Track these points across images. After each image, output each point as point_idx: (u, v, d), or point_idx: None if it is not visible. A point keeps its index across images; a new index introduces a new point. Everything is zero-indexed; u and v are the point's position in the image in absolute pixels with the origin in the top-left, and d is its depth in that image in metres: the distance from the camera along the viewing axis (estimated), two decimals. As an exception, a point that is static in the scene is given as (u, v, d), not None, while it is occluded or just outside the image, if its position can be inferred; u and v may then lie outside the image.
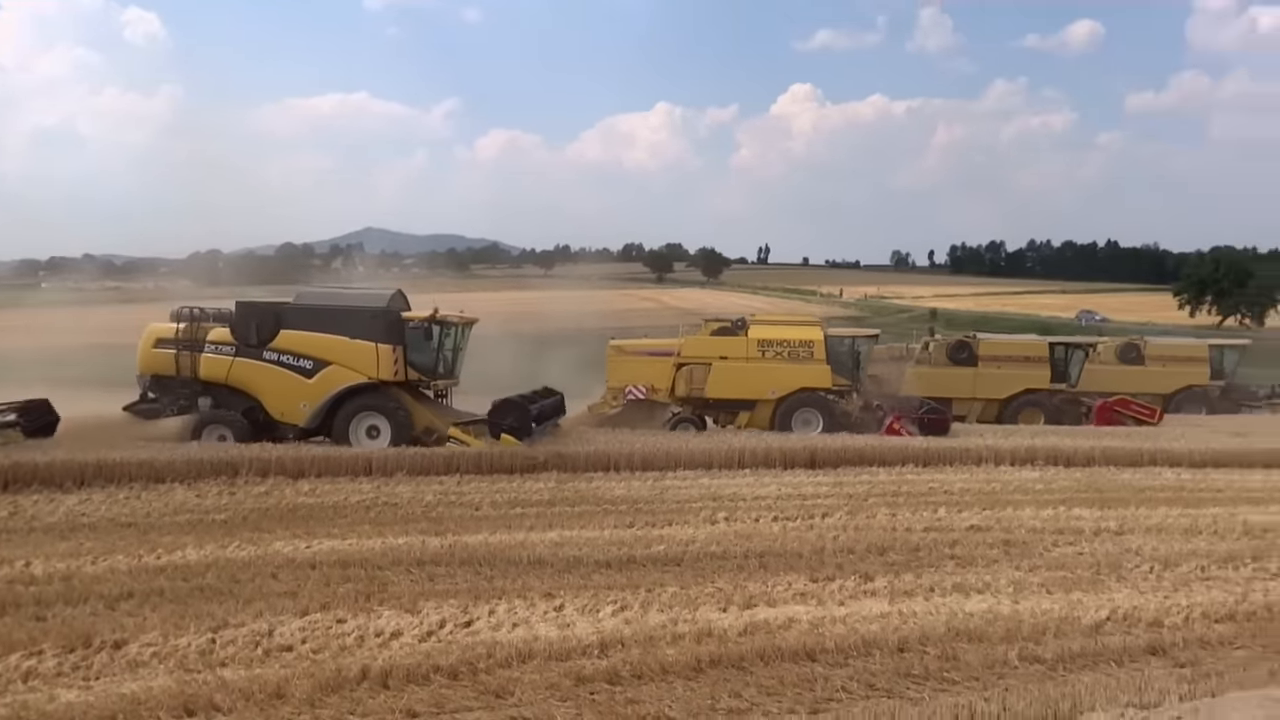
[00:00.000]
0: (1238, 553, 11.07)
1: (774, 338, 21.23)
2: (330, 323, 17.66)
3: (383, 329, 17.61)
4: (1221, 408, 29.34)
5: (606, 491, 14.17)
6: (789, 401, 20.81)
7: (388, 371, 17.50)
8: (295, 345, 17.53)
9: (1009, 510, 13.19)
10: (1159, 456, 17.96)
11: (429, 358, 18.26)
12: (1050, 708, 5.96)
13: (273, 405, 17.61)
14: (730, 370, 21.06)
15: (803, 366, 20.84)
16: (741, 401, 21.19)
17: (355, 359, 17.44)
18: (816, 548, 10.83)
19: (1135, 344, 30.58)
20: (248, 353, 17.60)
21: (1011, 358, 26.68)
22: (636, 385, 21.33)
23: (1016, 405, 26.02)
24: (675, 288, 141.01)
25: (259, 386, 17.62)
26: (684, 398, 21.38)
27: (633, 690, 6.63)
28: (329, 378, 17.40)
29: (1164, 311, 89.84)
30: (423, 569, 9.74)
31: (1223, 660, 7.55)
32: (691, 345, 21.68)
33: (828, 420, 20.54)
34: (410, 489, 14.06)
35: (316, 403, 17.34)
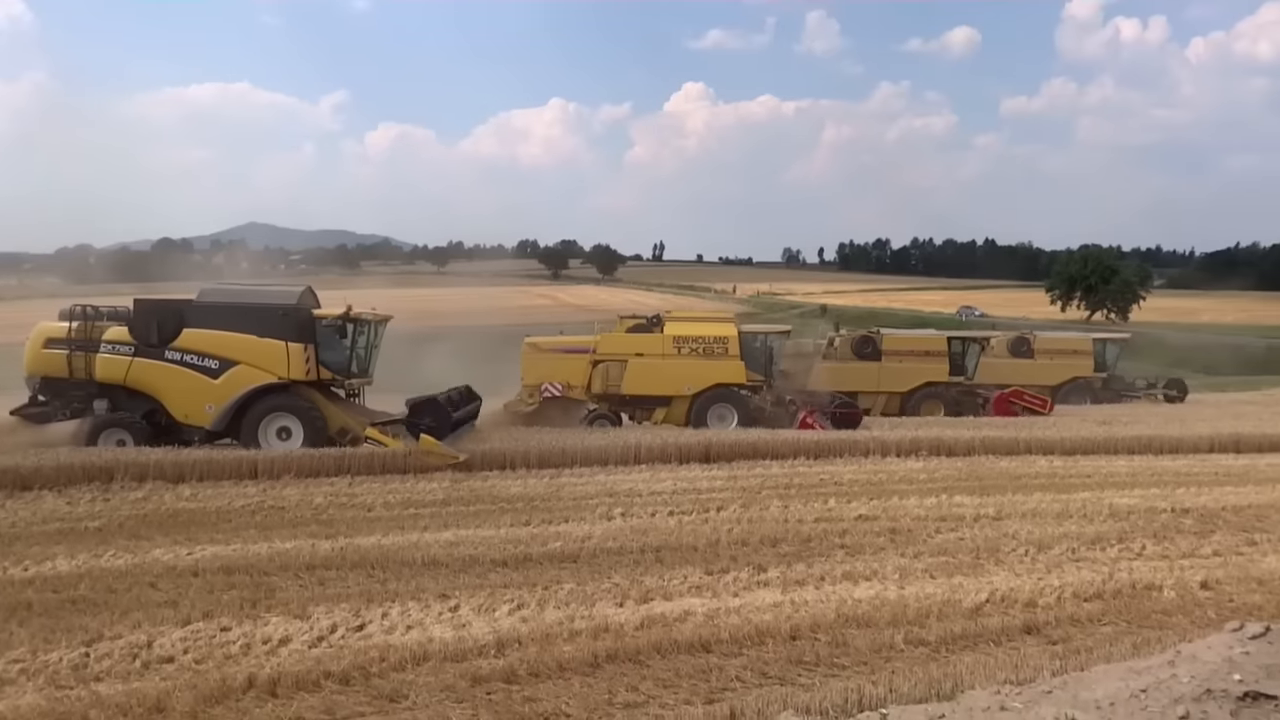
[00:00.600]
0: (1105, 534, 11.71)
1: (689, 334, 21.42)
2: (237, 321, 16.98)
3: (293, 327, 17.05)
4: (1104, 398, 30.98)
5: (502, 490, 14.05)
6: (704, 397, 21.01)
7: (299, 371, 16.97)
8: (199, 344, 16.82)
9: (895, 499, 13.62)
10: (1034, 445, 18.81)
11: (341, 356, 17.75)
12: (933, 688, 6.19)
13: (176, 407, 16.87)
14: (646, 367, 21.18)
15: (717, 363, 21.08)
16: (658, 398, 21.32)
17: (264, 358, 16.85)
18: (711, 541, 10.99)
19: (1025, 338, 31.96)
20: (148, 353, 16.80)
21: (913, 352, 27.61)
22: (553, 382, 21.27)
23: (918, 398, 26.93)
24: (571, 285, 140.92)
25: (161, 388, 16.86)
26: (600, 394, 21.42)
27: (530, 689, 6.61)
28: (236, 378, 16.76)
29: (1037, 307, 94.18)
30: (312, 573, 9.49)
31: (1091, 636, 7.99)
32: (608, 342, 21.70)
33: (742, 415, 20.82)
34: (298, 491, 13.67)
35: (223, 404, 16.65)
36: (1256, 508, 13.53)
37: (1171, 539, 11.58)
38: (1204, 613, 8.66)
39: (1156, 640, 7.43)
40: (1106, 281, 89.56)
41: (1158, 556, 10.77)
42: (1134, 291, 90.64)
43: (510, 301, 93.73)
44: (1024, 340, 31.63)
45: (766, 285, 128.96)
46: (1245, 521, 12.64)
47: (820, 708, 5.85)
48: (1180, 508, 13.36)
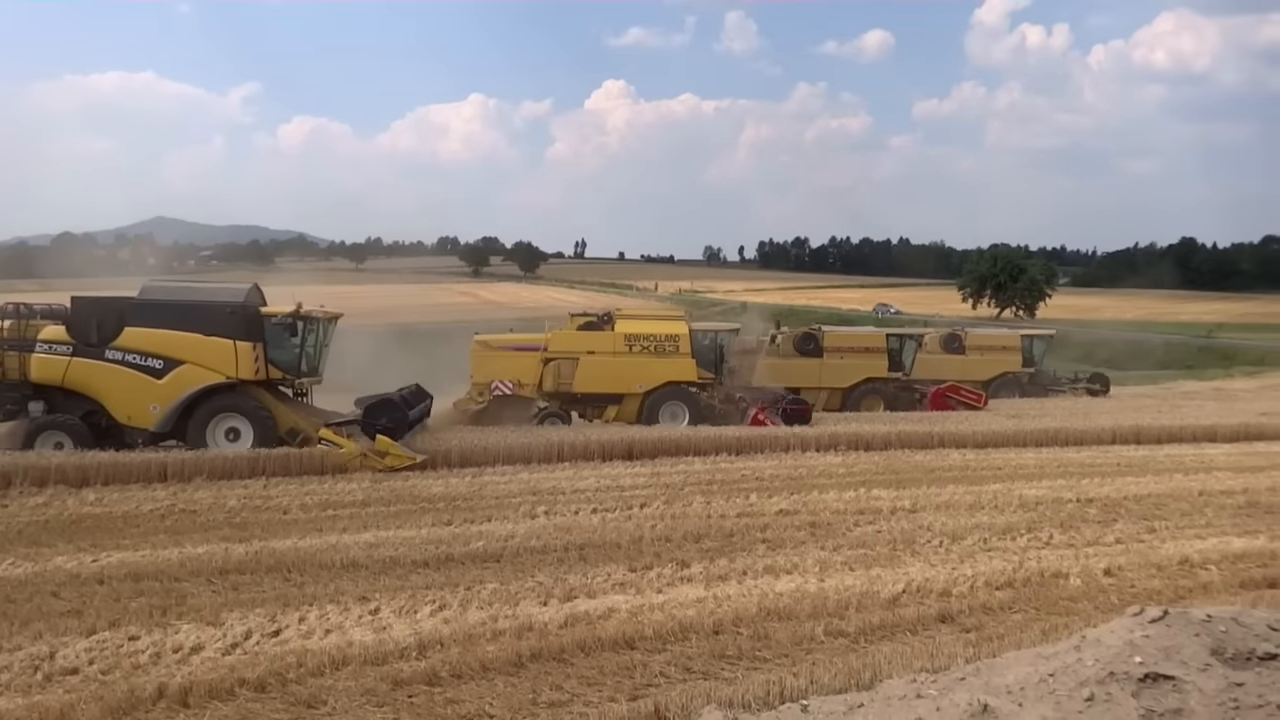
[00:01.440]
0: (1015, 525, 12.11)
1: (641, 332, 21.44)
2: (182, 319, 16.38)
3: (241, 325, 16.53)
4: (1032, 392, 32.00)
5: (424, 490, 13.86)
6: (656, 395, 21.05)
7: (248, 370, 16.46)
8: (142, 343, 16.20)
9: (815, 494, 13.85)
10: (947, 439, 19.34)
11: (291, 355, 17.27)
12: (853, 678, 6.32)
13: (118, 409, 16.21)
14: (598, 365, 21.12)
15: (669, 361, 21.14)
16: (609, 396, 21.30)
17: (211, 357, 16.30)
18: (635, 538, 11.02)
19: (957, 335, 32.82)
20: (87, 352, 16.11)
21: (853, 349, 28.16)
22: (503, 381, 21.07)
23: (859, 393, 27.46)
24: (492, 282, 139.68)
25: (101, 389, 16.17)
26: (552, 393, 21.30)
27: (452, 690, 6.54)
28: (182, 378, 16.17)
29: (949, 304, 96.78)
30: (226, 578, 9.23)
31: (1003, 623, 8.26)
32: (559, 340, 21.59)
33: (693, 413, 20.92)
34: (211, 494, 13.27)
35: (169, 405, 16.05)
36: (1155, 497, 14.14)
37: (1077, 528, 12.03)
38: (1108, 598, 9.01)
39: (1064, 626, 7.71)
40: (1015, 280, 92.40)
41: (1064, 545, 11.17)
42: (1040, 289, 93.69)
43: (430, 299, 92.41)
44: (956, 337, 32.48)
45: (688, 283, 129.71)
46: (1145, 510, 13.20)
47: (743, 701, 5.91)
48: (1085, 498, 13.89)
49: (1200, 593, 9.28)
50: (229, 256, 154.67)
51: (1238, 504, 13.73)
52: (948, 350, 31.60)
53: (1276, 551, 10.92)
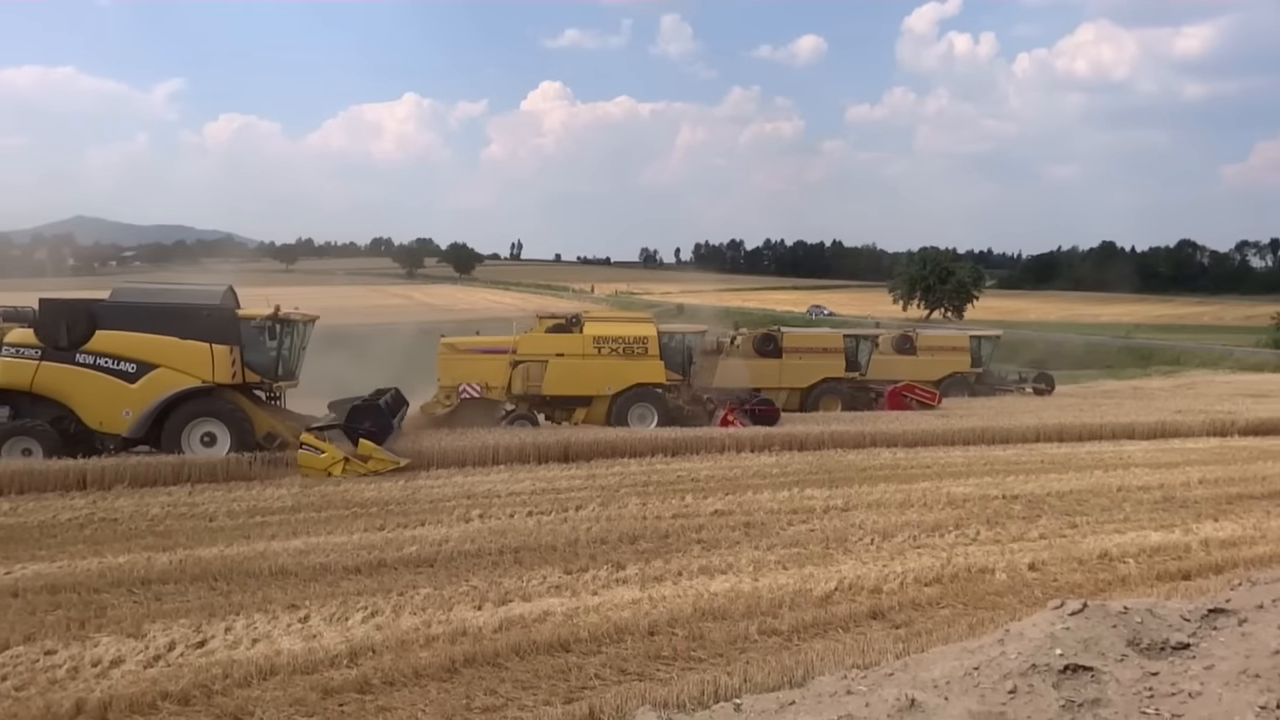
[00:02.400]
0: (943, 522, 12.36)
1: (609, 335, 21.41)
2: (156, 322, 15.94)
3: (217, 328, 16.14)
4: (979, 391, 32.67)
5: (355, 494, 13.63)
6: (624, 397, 21.02)
7: (225, 374, 16.03)
8: (115, 347, 15.73)
9: (749, 494, 13.97)
10: (878, 438, 19.66)
11: (267, 358, 16.90)
12: (786, 676, 6.40)
13: (90, 414, 15.71)
14: (567, 367, 21.03)
15: (637, 362, 21.11)
16: (578, 398, 21.23)
17: (187, 361, 15.87)
18: (570, 540, 10.99)
19: (909, 336, 33.36)
20: (57, 356, 15.60)
21: (812, 349, 28.50)
22: (470, 383, 20.87)
23: (817, 393, 27.76)
24: (427, 284, 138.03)
25: (72, 394, 15.66)
26: (521, 395, 21.17)
27: (385, 697, 6.46)
28: (157, 382, 15.72)
29: (881, 306, 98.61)
30: (148, 588, 8.97)
31: (931, 619, 8.42)
32: (528, 343, 21.47)
33: (661, 414, 20.97)
34: (132, 502, 12.88)
35: (142, 409, 15.60)
36: (1077, 493, 14.56)
37: (1003, 524, 12.32)
38: (1032, 592, 9.26)
39: (990, 620, 7.90)
40: (943, 282, 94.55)
41: (990, 541, 11.44)
42: (968, 292, 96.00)
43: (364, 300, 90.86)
44: (908, 338, 33.05)
45: (624, 285, 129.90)
46: (1068, 506, 13.59)
47: (677, 701, 5.94)
48: (1010, 494, 14.24)
49: (1119, 585, 9.59)
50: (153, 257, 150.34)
51: (1154, 499, 14.20)
52: (900, 351, 32.17)
53: (1191, 545, 11.33)
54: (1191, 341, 62.25)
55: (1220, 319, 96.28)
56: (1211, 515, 13.12)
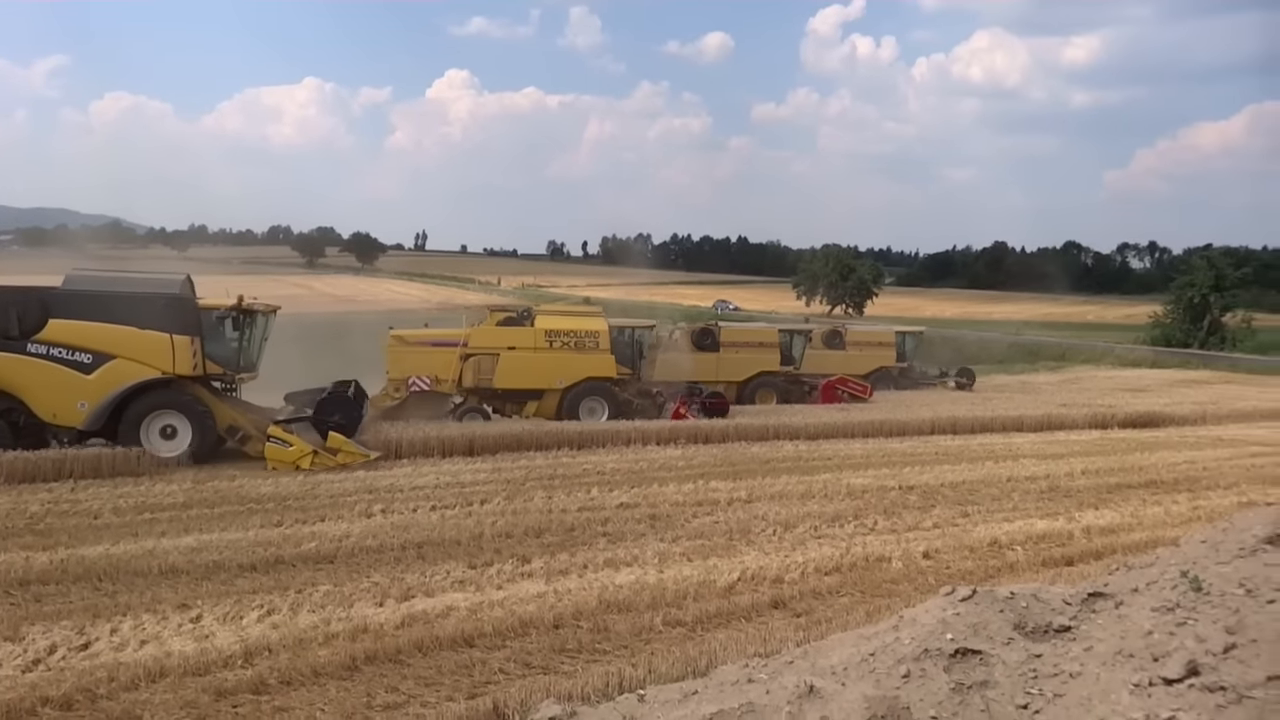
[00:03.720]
0: (843, 512, 12.67)
1: (561, 328, 21.31)
2: (113, 311, 15.20)
3: (178, 318, 15.50)
4: (904, 385, 33.42)
5: (251, 490, 13.23)
6: (576, 390, 20.96)
7: (185, 365, 15.43)
8: (69, 337, 14.97)
9: (655, 487, 14.07)
10: (781, 431, 20.01)
11: (228, 350, 16.41)
12: (690, 666, 6.48)
13: (42, 406, 14.97)
14: (518, 360, 20.84)
15: (589, 356, 21.06)
16: (529, 391, 21.08)
17: (146, 351, 15.21)
18: (475, 534, 10.89)
19: (838, 331, 33.91)
20: (7, 346, 14.82)
21: (748, 343, 28.81)
22: (420, 376, 20.52)
23: (753, 386, 28.06)
24: (327, 274, 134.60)
25: (22, 385, 14.89)
26: (472, 388, 20.87)
27: (281, 698, 6.30)
28: (114, 373, 15.03)
29: (785, 302, 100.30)
30: (27, 589, 8.55)
31: (831, 607, 8.64)
32: (479, 336, 21.18)
33: (612, 407, 20.97)
34: (9, 499, 12.23)
35: (99, 401, 14.90)
36: (969, 483, 15.10)
37: (899, 514, 12.70)
38: (926, 579, 9.58)
39: (886, 607, 8.14)
40: (845, 279, 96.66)
41: (887, 530, 11.78)
42: (868, 289, 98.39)
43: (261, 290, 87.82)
44: (836, 333, 33.61)
45: (531, 278, 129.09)
46: (960, 496, 14.09)
47: (581, 693, 5.95)
48: (906, 485, 14.68)
49: (1008, 572, 10.00)
50: (32, 241, 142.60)
51: (1041, 489, 14.84)
52: (829, 346, 32.74)
53: (1074, 532, 11.89)
54: (1076, 339, 65.09)
55: (1102, 318, 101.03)
56: (1093, 504, 13.78)
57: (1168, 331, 60.53)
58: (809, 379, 29.42)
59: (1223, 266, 59.29)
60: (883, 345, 33.92)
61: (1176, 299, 60.90)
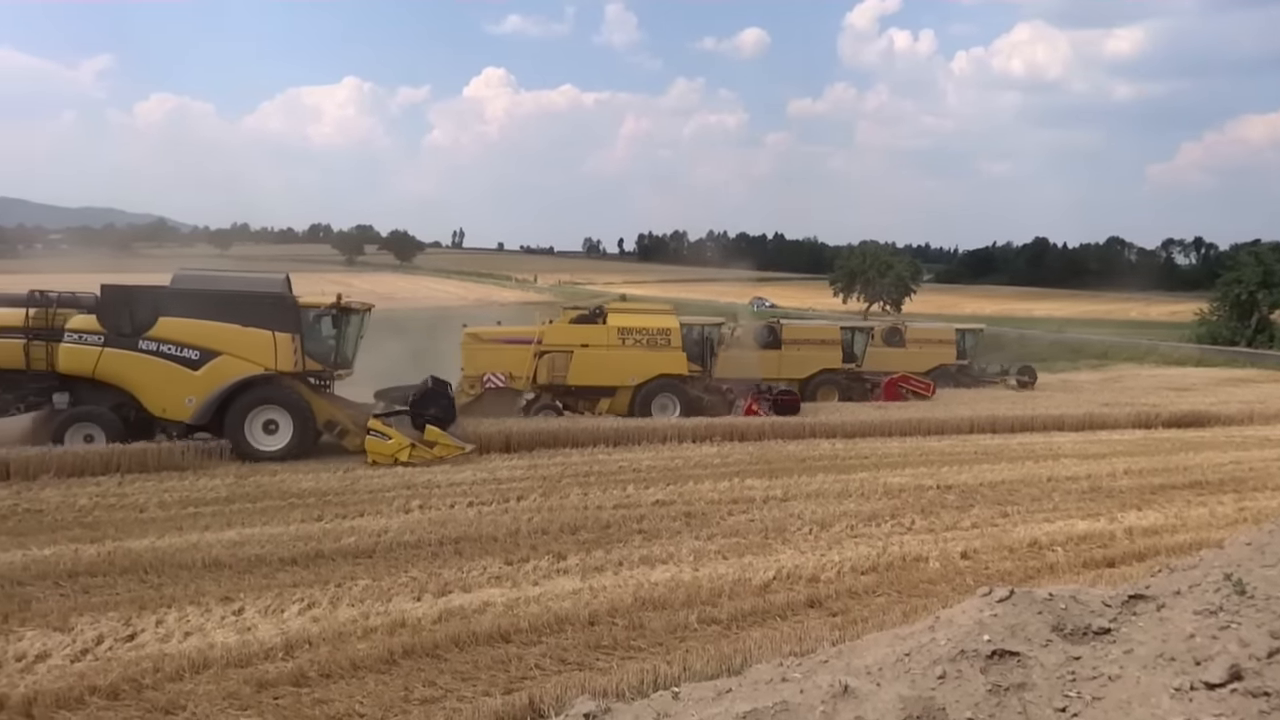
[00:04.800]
0: (879, 511, 12.59)
1: (633, 325, 21.59)
2: (219, 309, 15.75)
3: (280, 316, 15.99)
4: (964, 383, 33.19)
5: (293, 484, 13.43)
6: (648, 387, 21.18)
7: (287, 362, 15.89)
8: (178, 334, 15.49)
9: (690, 484, 14.06)
10: (817, 429, 19.92)
11: (325, 347, 16.83)
12: (724, 664, 6.48)
13: (152, 401, 15.48)
14: (592, 357, 21.11)
15: (660, 353, 21.31)
16: (602, 388, 21.32)
17: (250, 348, 15.71)
18: (511, 530, 10.97)
19: (898, 328, 33.79)
20: (119, 342, 15.30)
21: (810, 340, 28.90)
22: (495, 373, 20.88)
23: (815, 384, 28.03)
24: (367, 272, 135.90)
25: (134, 380, 15.41)
26: (546, 385, 21.16)
27: (321, 690, 6.40)
28: (220, 369, 15.53)
29: (822, 299, 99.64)
30: (75, 581, 8.75)
31: (867, 606, 8.59)
32: (553, 333, 21.51)
33: (683, 404, 21.16)
34: (59, 493, 12.52)
35: (206, 396, 15.39)
36: (1009, 483, 14.93)
37: (937, 514, 12.59)
38: (964, 580, 9.49)
39: (923, 607, 8.07)
40: (882, 276, 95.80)
41: (925, 530, 11.69)
42: (906, 286, 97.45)
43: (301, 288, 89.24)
44: (897, 330, 33.48)
45: (567, 275, 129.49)
46: (999, 495, 13.93)
47: (616, 690, 5.98)
48: (944, 485, 14.54)
49: (1047, 573, 9.88)
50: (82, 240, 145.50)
51: (1082, 489, 14.63)
52: (889, 343, 32.59)
53: (1115, 533, 11.71)
54: (1118, 336, 64.04)
55: (1146, 315, 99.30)
56: (1135, 505, 13.57)
57: (1214, 329, 59.26)
58: (870, 376, 29.32)
59: (1271, 262, 57.83)
60: (943, 343, 33.67)
61: (1223, 295, 59.59)
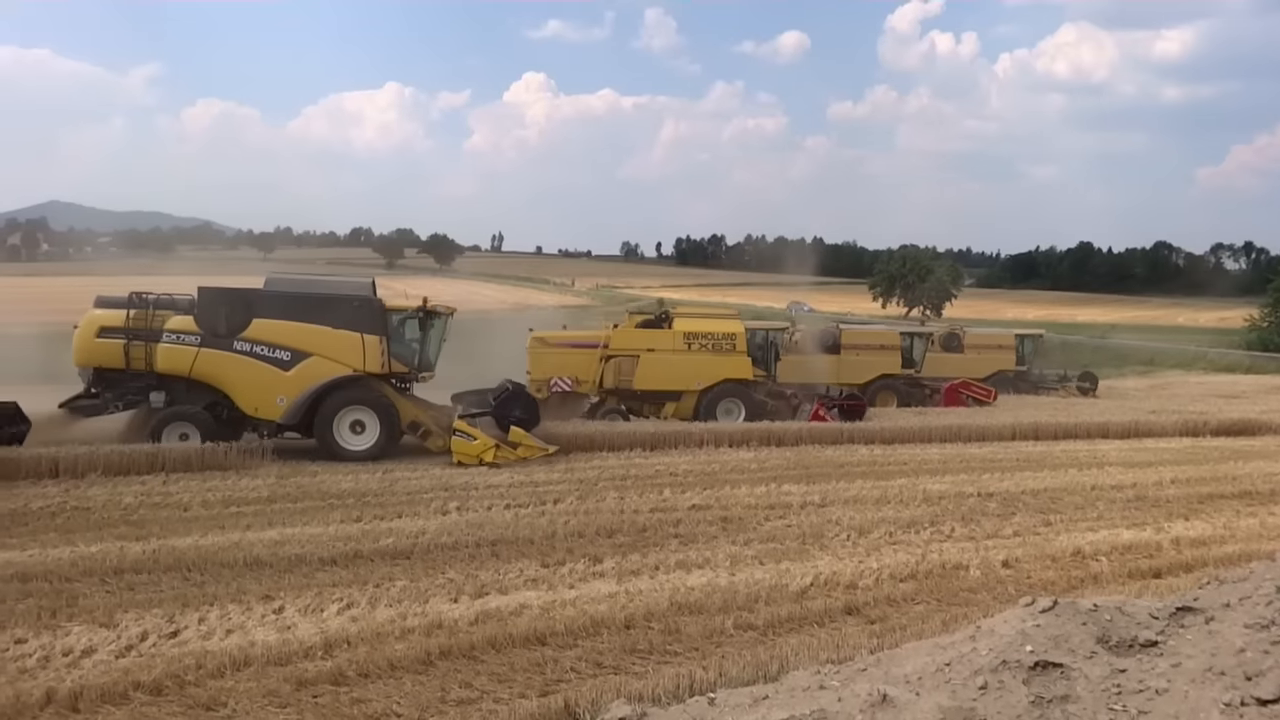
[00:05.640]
0: (919, 518, 12.45)
1: (699, 330, 21.80)
2: (310, 311, 16.21)
3: (368, 318, 16.40)
4: (1023, 389, 32.81)
5: (332, 485, 13.57)
6: (713, 392, 21.36)
7: (375, 363, 16.29)
8: (271, 335, 15.94)
9: (727, 489, 14.00)
10: (855, 434, 19.75)
11: (409, 349, 17.23)
12: (760, 670, 6.43)
13: (245, 400, 15.97)
14: (657, 362, 21.33)
15: (726, 358, 21.49)
16: (668, 392, 21.56)
17: (339, 350, 16.13)
18: (548, 533, 10.99)
19: (956, 334, 33.45)
20: (215, 343, 15.81)
21: (869, 346, 28.72)
22: (562, 377, 21.15)
23: (874, 389, 27.80)
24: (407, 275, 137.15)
25: (229, 380, 15.92)
26: (612, 389, 21.44)
27: (359, 690, 6.44)
28: (310, 370, 15.95)
29: (861, 303, 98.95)
30: (121, 578, 8.90)
31: (905, 614, 8.49)
32: (620, 337, 21.78)
33: (749, 409, 21.30)
34: (106, 491, 12.76)
35: (296, 396, 15.83)
36: (1052, 491, 14.70)
37: (978, 521, 12.42)
38: (1005, 589, 9.33)
39: (963, 616, 7.97)
40: (922, 280, 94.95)
41: (965, 538, 11.53)
42: (947, 290, 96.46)
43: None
44: (955, 336, 33.17)
45: (605, 278, 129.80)
46: (1042, 504, 13.71)
47: (652, 695, 5.96)
48: (985, 492, 14.35)
49: (1091, 583, 9.70)
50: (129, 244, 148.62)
51: (1127, 498, 14.36)
52: (947, 349, 32.31)
53: (1162, 543, 11.47)
54: (1165, 343, 62.87)
55: (1194, 321, 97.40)
56: (1183, 514, 13.29)
57: (1264, 335, 58.03)
58: (929, 382, 29.13)
59: (1325, 267, 56.54)
60: (1002, 348, 33.26)
61: (1274, 301, 58.35)
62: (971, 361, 31.75)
